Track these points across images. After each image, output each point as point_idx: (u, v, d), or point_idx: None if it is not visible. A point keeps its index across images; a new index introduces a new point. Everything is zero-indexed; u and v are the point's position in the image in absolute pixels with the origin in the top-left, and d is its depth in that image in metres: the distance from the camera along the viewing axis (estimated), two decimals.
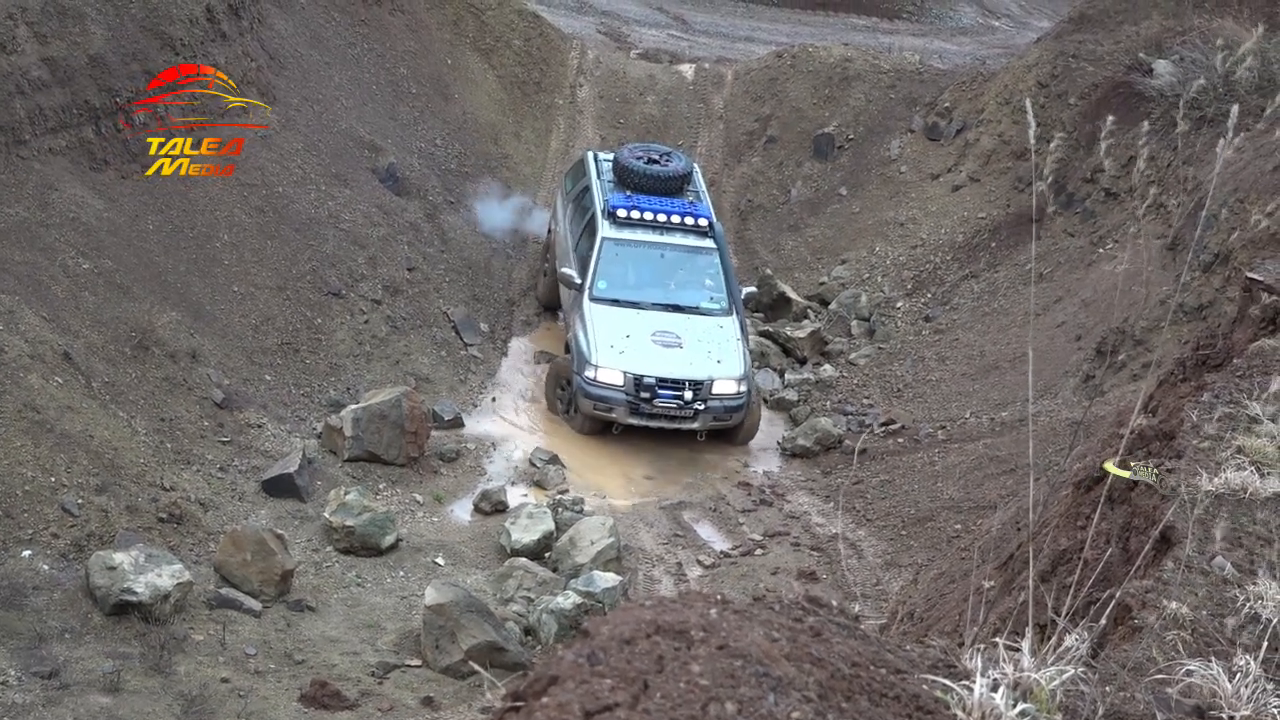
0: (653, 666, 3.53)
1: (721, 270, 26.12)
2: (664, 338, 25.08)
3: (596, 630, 3.68)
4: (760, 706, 3.50)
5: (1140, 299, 23.84)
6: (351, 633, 19.63)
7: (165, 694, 17.30)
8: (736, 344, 25.20)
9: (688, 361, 24.70)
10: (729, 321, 25.57)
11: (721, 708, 3.44)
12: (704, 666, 3.56)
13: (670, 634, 3.69)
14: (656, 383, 24.48)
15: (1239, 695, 4.90)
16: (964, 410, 25.25)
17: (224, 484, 21.95)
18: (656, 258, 26.18)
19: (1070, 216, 28.14)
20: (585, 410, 24.95)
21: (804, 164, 33.41)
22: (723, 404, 24.65)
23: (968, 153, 31.37)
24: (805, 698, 3.67)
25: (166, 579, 18.50)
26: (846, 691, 3.90)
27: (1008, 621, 5.77)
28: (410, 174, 30.43)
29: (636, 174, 27.03)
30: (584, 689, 3.39)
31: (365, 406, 23.69)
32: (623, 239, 26.08)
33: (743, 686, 3.54)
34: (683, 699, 3.43)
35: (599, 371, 24.59)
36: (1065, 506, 9.06)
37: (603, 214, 26.30)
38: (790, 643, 3.96)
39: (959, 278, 29.19)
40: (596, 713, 3.31)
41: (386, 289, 27.36)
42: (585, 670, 3.47)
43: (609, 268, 25.79)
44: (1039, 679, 4.45)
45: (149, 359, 22.69)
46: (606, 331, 24.96)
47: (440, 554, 21.90)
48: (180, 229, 25.38)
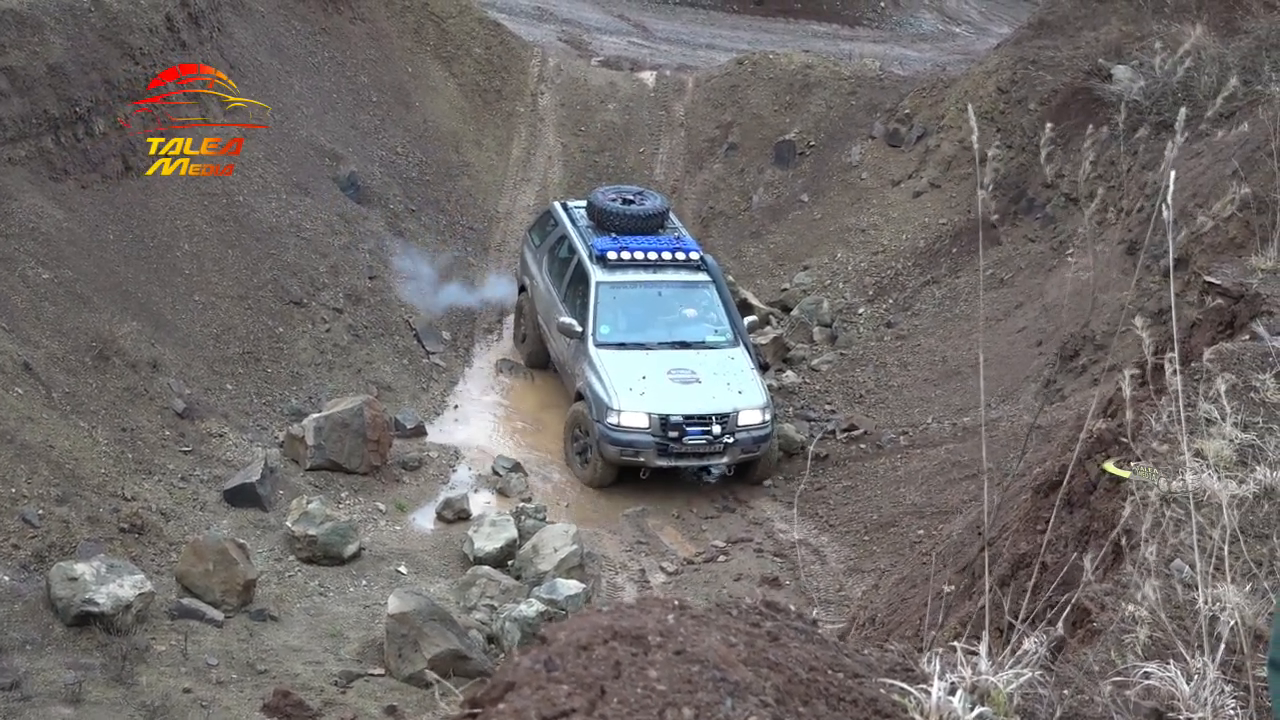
0: (609, 672, 3.53)
1: (720, 302, 25.74)
2: (680, 375, 24.49)
3: (554, 636, 3.68)
4: (717, 711, 3.51)
5: (1099, 304, 23.92)
6: (314, 642, 19.58)
7: (127, 705, 17.24)
8: (752, 373, 24.74)
9: (710, 395, 24.14)
10: (738, 352, 25.10)
11: (679, 713, 3.44)
12: (661, 672, 3.56)
13: (627, 639, 3.69)
14: (684, 420, 23.82)
15: (1197, 697, 4.92)
16: (926, 416, 25.30)
17: (185, 494, 21.88)
18: (654, 297, 25.71)
19: (1031, 222, 28.23)
20: (611, 458, 24.09)
21: (765, 171, 33.45)
22: (750, 435, 24.02)
23: (928, 159, 31.44)
24: (763, 702, 3.67)
25: (128, 589, 18.43)
26: (804, 696, 3.91)
27: (967, 625, 5.79)
28: (371, 182, 30.40)
29: (615, 215, 26.61)
30: (540, 695, 3.39)
31: (327, 415, 23.65)
32: (617, 282, 25.53)
33: (700, 692, 3.54)
34: (640, 704, 3.43)
35: (622, 416, 23.85)
36: (1024, 511, 9.09)
37: (591, 259, 25.72)
38: (748, 647, 3.96)
39: (920, 283, 29.26)
40: (553, 718, 3.31)
41: (348, 297, 27.33)
42: (542, 676, 3.47)
43: (608, 312, 25.21)
44: (996, 682, 4.47)
45: (109, 369, 22.60)
46: (621, 375, 24.29)
47: (403, 562, 21.86)
48: (140, 238, 25.31)
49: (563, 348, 25.85)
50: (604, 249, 25.71)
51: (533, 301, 27.47)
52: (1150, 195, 24.20)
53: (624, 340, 24.92)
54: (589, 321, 24.98)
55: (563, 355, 25.98)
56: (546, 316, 26.63)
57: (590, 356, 24.67)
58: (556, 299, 26.17)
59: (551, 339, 26.42)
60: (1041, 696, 4.68)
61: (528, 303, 27.78)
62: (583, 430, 24.58)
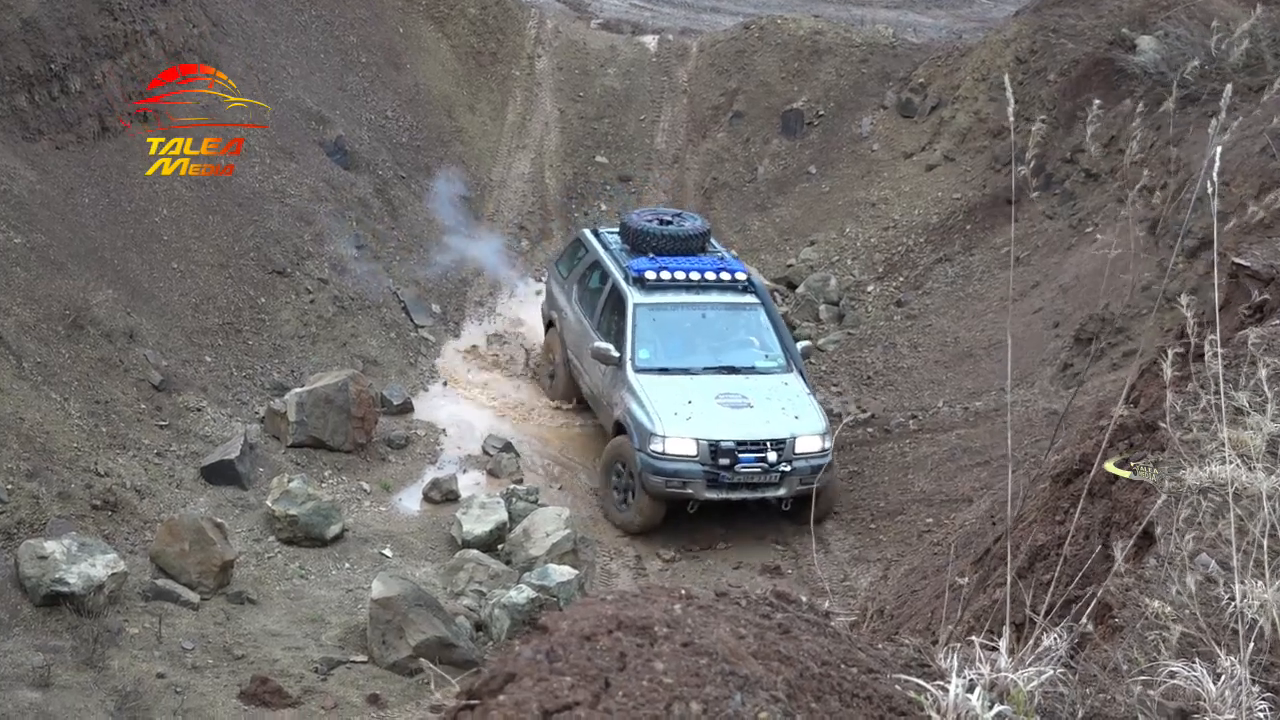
0: (614, 664, 3.52)
1: (771, 326, 24.68)
2: (730, 399, 23.27)
3: (555, 626, 3.66)
4: (726, 706, 3.50)
5: (1121, 285, 23.90)
6: (294, 627, 19.58)
7: (98, 689, 17.24)
8: (809, 398, 23.59)
9: (764, 420, 22.90)
10: (792, 378, 23.92)
11: (686, 707, 3.43)
12: (668, 664, 3.55)
13: (633, 630, 3.68)
14: (736, 446, 22.50)
15: (1223, 698, 4.91)
16: (936, 399, 25.31)
17: (161, 470, 21.86)
18: (697, 319, 24.65)
19: (1049, 198, 28.19)
20: (655, 490, 22.70)
21: (771, 141, 33.40)
22: (809, 464, 22.52)
23: (942, 131, 31.41)
24: (773, 697, 3.66)
25: (100, 569, 18.42)
26: (816, 691, 3.89)
27: (983, 620, 5.78)
28: (359, 147, 30.35)
29: (652, 237, 25.57)
30: (542, 687, 3.37)
31: (310, 390, 23.63)
32: (656, 303, 24.47)
33: (708, 685, 3.53)
34: (645, 698, 3.42)
35: (668, 442, 22.55)
36: (1043, 500, 9.08)
37: (627, 281, 24.67)
38: (758, 640, 3.95)
39: (932, 261, 29.24)
40: (555, 712, 3.30)
41: (333, 267, 27.29)
42: (544, 667, 3.46)
43: (647, 336, 24.16)
44: (1016, 680, 4.46)
45: (83, 338, 22.57)
46: (665, 399, 23.13)
47: (388, 545, 21.87)
48: (117, 202, 25.27)
49: (597, 379, 24.72)
50: (641, 269, 24.71)
51: (562, 335, 26.37)
52: (1174, 172, 24.19)
53: (665, 365, 23.85)
54: (626, 345, 23.92)
55: (597, 387, 24.84)
56: (577, 349, 25.65)
57: (629, 383, 23.53)
58: (589, 328, 25.13)
59: (584, 373, 25.38)
60: (1062, 695, 4.67)
61: (556, 338, 26.65)
62: (624, 467, 23.31)
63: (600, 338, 24.44)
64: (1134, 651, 5.56)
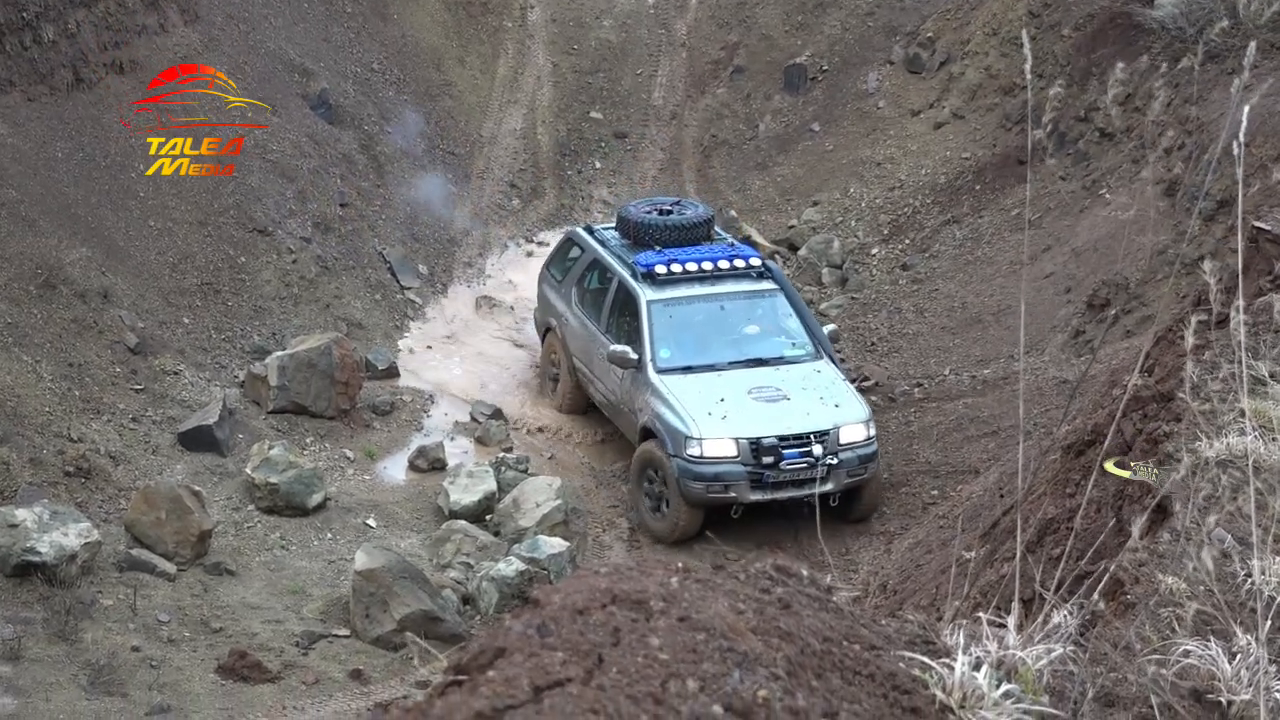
0: (608, 639, 3.52)
1: (794, 311, 24.06)
2: (764, 393, 22.53)
3: (547, 599, 3.67)
4: (724, 683, 3.50)
5: (1136, 249, 23.88)
6: (274, 599, 19.62)
7: (70, 663, 17.27)
8: (845, 385, 22.96)
9: (804, 412, 22.16)
10: (824, 364, 23.25)
11: (682, 684, 3.43)
12: (664, 640, 3.55)
13: (627, 604, 3.69)
14: (778, 442, 21.72)
15: (1239, 677, 4.92)
16: (943, 367, 25.30)
17: (137, 436, 21.88)
18: (715, 311, 23.85)
19: (1062, 159, 28.11)
20: (694, 498, 21.85)
21: (773, 97, 33.34)
22: (855, 454, 21.94)
23: (951, 87, 31.33)
24: (773, 674, 3.67)
25: (73, 538, 18.44)
26: (817, 668, 3.90)
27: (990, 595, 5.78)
28: (344, 101, 30.30)
29: (653, 228, 24.79)
30: (533, 662, 3.38)
31: (292, 354, 23.64)
32: (670, 298, 23.62)
33: (705, 662, 3.54)
34: (640, 674, 3.42)
35: (704, 445, 21.71)
36: (1054, 473, 9.10)
37: (635, 278, 23.82)
38: (757, 615, 3.96)
39: (940, 223, 29.20)
40: (547, 688, 3.30)
41: (317, 226, 27.27)
42: (535, 642, 3.46)
43: (666, 334, 23.31)
44: (1025, 658, 4.47)
45: (56, 299, 22.57)
46: (696, 399, 22.33)
47: (372, 515, 21.90)
48: (92, 157, 25.24)
49: (613, 385, 23.84)
50: (650, 264, 23.84)
51: (564, 343, 25.38)
52: (1192, 132, 24.16)
53: (690, 363, 23.07)
54: (645, 346, 23.06)
55: (614, 394, 23.93)
56: (585, 356, 24.78)
57: (654, 385, 22.68)
58: (597, 331, 24.33)
59: (595, 380, 24.51)
60: (1072, 674, 4.68)
61: (557, 345, 25.61)
62: (656, 473, 22.48)
63: (612, 341, 23.66)
64: (1147, 629, 5.57)
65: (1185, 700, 4.91)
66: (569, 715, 3.22)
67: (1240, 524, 5.99)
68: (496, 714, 3.19)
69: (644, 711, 3.31)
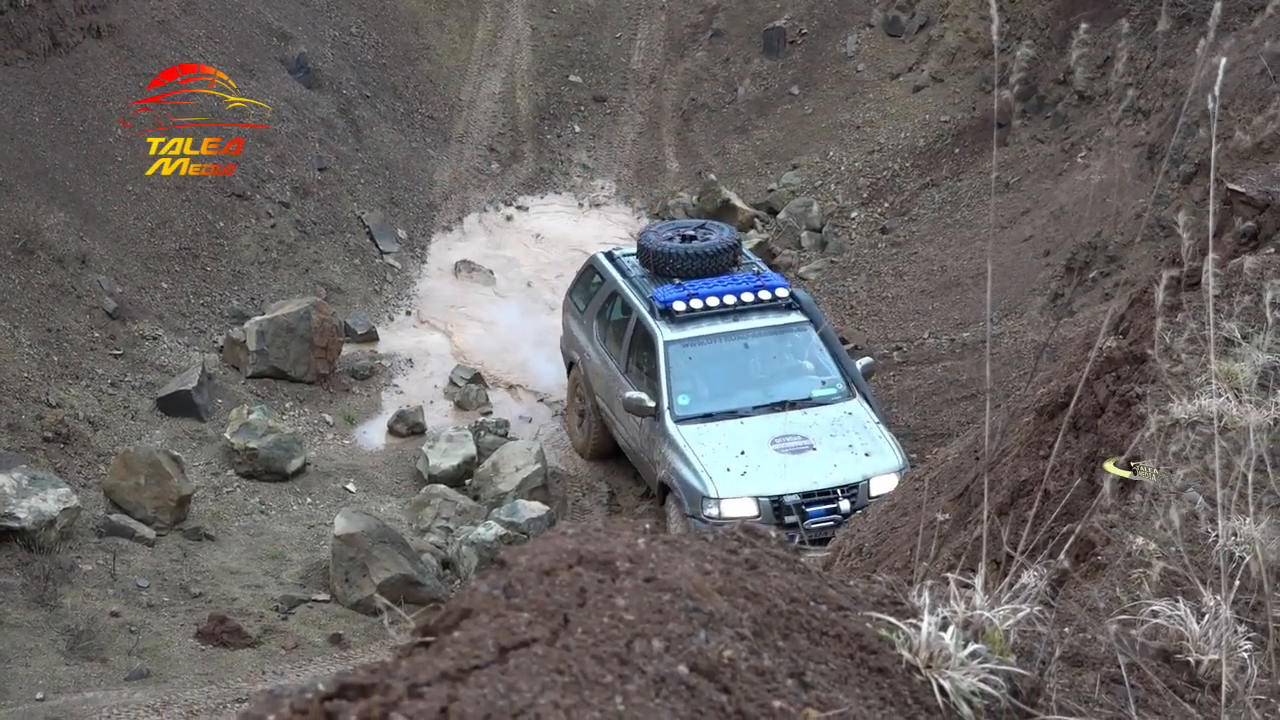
0: (574, 600, 3.53)
1: (825, 346, 22.02)
2: (788, 443, 20.66)
3: (514, 561, 3.68)
4: (690, 644, 3.51)
5: (1114, 212, 23.90)
6: (254, 564, 19.63)
7: (49, 628, 17.28)
8: (878, 428, 20.94)
9: (831, 464, 20.31)
10: (856, 405, 21.29)
11: (648, 644, 3.45)
12: (629, 600, 3.57)
13: (593, 565, 3.70)
14: (802, 499, 19.92)
15: (1207, 638, 4.94)
16: (922, 330, 25.32)
17: (115, 401, 21.86)
18: (739, 350, 21.91)
19: (1040, 122, 28.12)
20: None
21: (752, 60, 33.28)
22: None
23: (930, 50, 31.30)
24: (739, 635, 3.68)
25: (52, 503, 18.44)
26: (784, 629, 3.91)
27: (961, 557, 5.80)
28: (322, 65, 30.21)
29: (675, 258, 22.63)
30: (499, 623, 3.39)
31: (271, 318, 23.62)
32: (689, 338, 21.67)
33: (671, 622, 3.55)
34: (605, 634, 3.43)
35: (723, 505, 19.82)
36: (1026, 435, 9.12)
37: (653, 315, 21.87)
38: (724, 576, 3.97)
39: (919, 186, 29.20)
40: (512, 648, 3.31)
41: (295, 190, 27.22)
42: (500, 603, 3.47)
43: (684, 378, 21.43)
44: (992, 618, 4.48)
45: (34, 263, 22.52)
46: (714, 453, 20.42)
47: (351, 479, 21.91)
48: (69, 121, 25.17)
49: (634, 431, 22.06)
50: (668, 299, 21.83)
51: (587, 380, 23.58)
52: (1171, 94, 24.17)
53: (710, 410, 21.18)
54: (662, 393, 21.18)
55: (635, 440, 22.16)
56: (607, 395, 22.85)
57: (671, 437, 20.81)
58: (617, 371, 22.51)
59: (618, 422, 22.70)
60: (1040, 634, 4.70)
61: (581, 382, 23.82)
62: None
63: (630, 383, 21.92)
64: (1116, 590, 5.60)
65: (1153, 660, 4.93)
66: (534, 675, 3.23)
67: (1209, 485, 6.01)
68: (461, 674, 3.21)
69: (609, 672, 3.33)
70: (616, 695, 3.25)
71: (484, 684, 3.16)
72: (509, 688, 3.16)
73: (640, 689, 3.29)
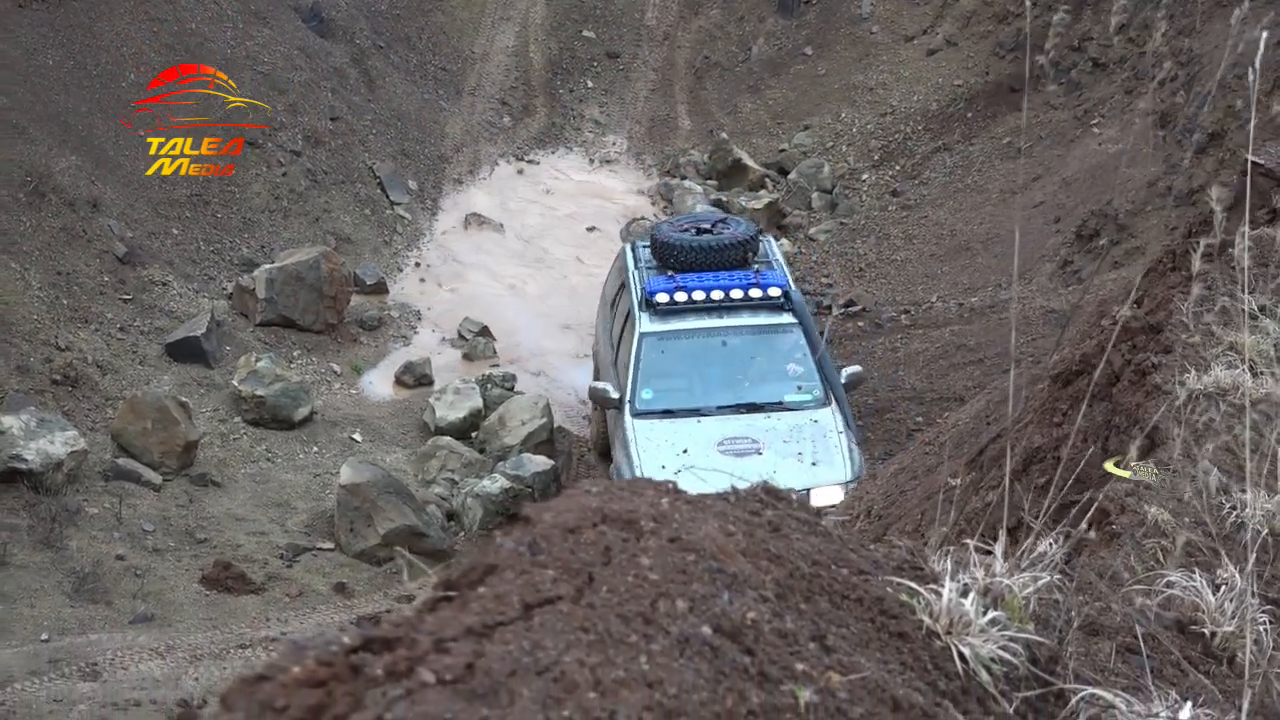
0: (598, 558, 3.52)
1: (811, 350, 20.91)
2: (735, 445, 19.71)
3: (538, 517, 3.66)
4: (713, 605, 3.50)
5: (1126, 180, 23.85)
6: (259, 511, 19.64)
7: (55, 570, 17.29)
8: (839, 438, 19.87)
9: (770, 470, 18.52)
10: (825, 413, 20.21)
11: (671, 604, 3.44)
12: (654, 560, 3.55)
13: (618, 524, 3.68)
14: None
15: (1222, 609, 4.94)
16: (930, 294, 25.30)
17: (124, 345, 21.85)
18: (716, 347, 21.06)
19: (1054, 88, 28.07)
20: None
21: (766, 20, 33.22)
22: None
23: (946, 13, 31.25)
24: (762, 597, 3.67)
25: (59, 446, 18.45)
26: (806, 592, 3.90)
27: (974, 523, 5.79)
28: (336, 14, 30.15)
29: (683, 250, 21.75)
30: (524, 580, 3.38)
31: (280, 267, 23.60)
32: (667, 331, 20.94)
33: (695, 583, 3.54)
34: (630, 594, 3.42)
35: None
36: (1041, 401, 9.09)
37: (640, 305, 21.15)
38: (747, 538, 3.96)
39: (930, 150, 29.17)
40: (537, 605, 3.30)
41: (307, 139, 27.17)
42: (525, 560, 3.46)
43: (653, 371, 20.65)
44: (1011, 585, 4.47)
45: (45, 207, 22.49)
46: (654, 450, 19.53)
47: (358, 429, 21.90)
48: (83, 65, 25.12)
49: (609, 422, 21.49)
50: (654, 290, 21.12)
51: (596, 369, 23.44)
52: (1185, 63, 24.09)
53: (671, 407, 20.30)
54: (628, 384, 20.44)
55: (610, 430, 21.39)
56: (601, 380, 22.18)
57: (624, 429, 20.05)
58: (610, 360, 22.10)
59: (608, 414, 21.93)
60: (1057, 603, 4.69)
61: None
62: None
63: (614, 371, 21.39)
64: (1132, 560, 5.59)
65: (1169, 631, 4.93)
66: (559, 633, 3.22)
67: (1228, 457, 6.00)
68: (487, 630, 3.19)
69: (633, 631, 3.32)
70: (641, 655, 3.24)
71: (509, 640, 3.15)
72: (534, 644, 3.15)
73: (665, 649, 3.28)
